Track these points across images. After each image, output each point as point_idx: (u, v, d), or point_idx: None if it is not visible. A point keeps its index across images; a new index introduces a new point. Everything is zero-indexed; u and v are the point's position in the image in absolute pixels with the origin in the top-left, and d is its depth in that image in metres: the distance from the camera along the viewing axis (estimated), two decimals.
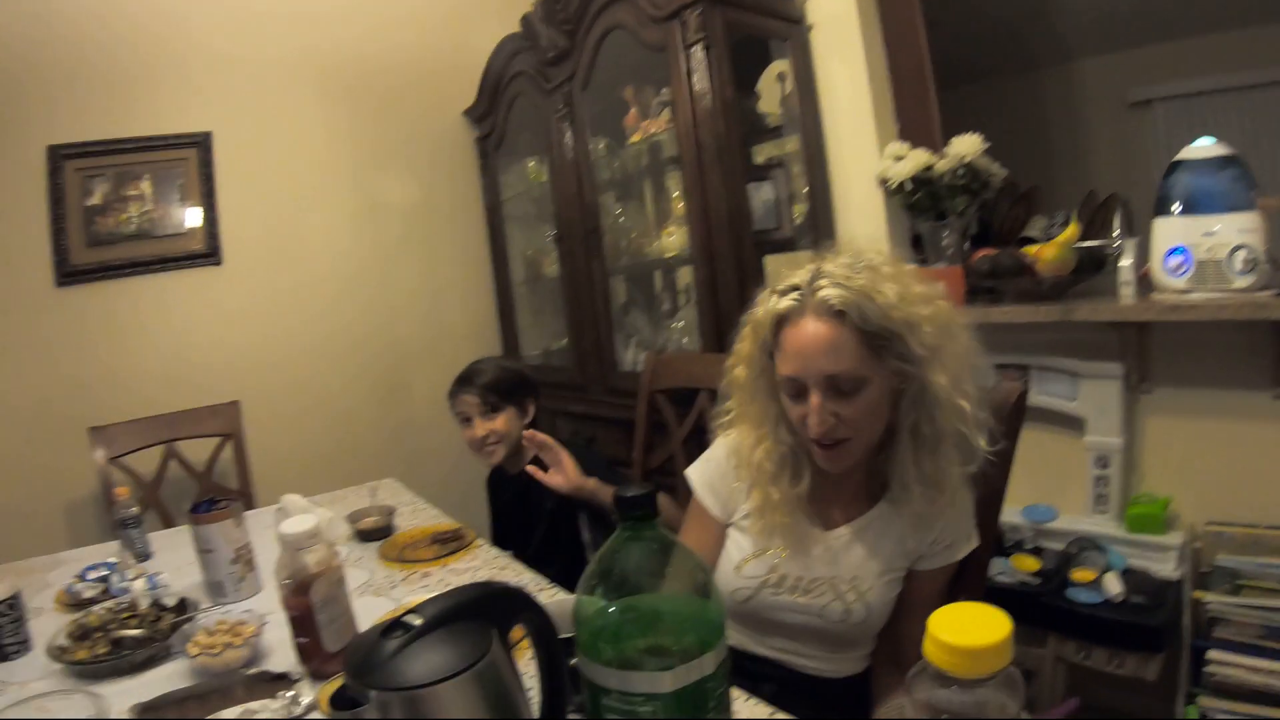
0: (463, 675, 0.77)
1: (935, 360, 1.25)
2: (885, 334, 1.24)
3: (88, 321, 3.33)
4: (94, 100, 3.30)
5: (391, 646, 0.78)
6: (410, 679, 0.76)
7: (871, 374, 1.26)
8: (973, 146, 2.45)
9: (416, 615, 0.80)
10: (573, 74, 3.17)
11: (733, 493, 1.52)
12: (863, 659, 1.50)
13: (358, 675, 0.76)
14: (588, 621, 0.84)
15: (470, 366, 2.33)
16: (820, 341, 1.25)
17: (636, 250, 3.32)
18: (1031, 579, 2.36)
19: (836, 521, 1.44)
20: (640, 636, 0.83)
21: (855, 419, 1.27)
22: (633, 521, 0.84)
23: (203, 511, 1.77)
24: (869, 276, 1.26)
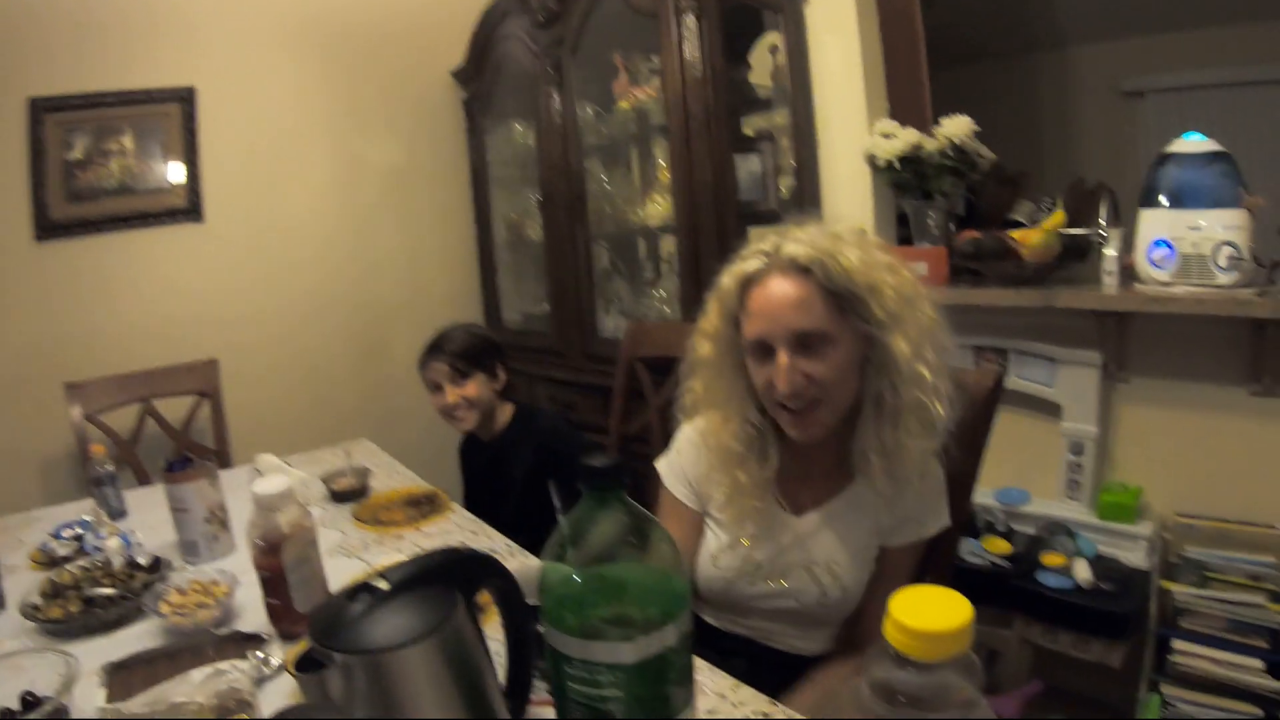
0: (426, 640, 0.77)
1: (897, 326, 1.25)
2: (849, 294, 1.25)
3: (66, 277, 3.31)
4: (76, 53, 3.26)
5: (357, 610, 0.78)
6: (374, 643, 0.76)
7: (838, 333, 1.26)
8: (962, 128, 2.44)
9: (382, 579, 0.80)
10: (563, 38, 3.16)
11: (703, 481, 1.51)
12: (838, 636, 1.50)
13: (322, 638, 0.76)
14: (552, 589, 0.84)
15: (439, 334, 2.33)
16: (787, 298, 1.25)
17: (621, 217, 3.31)
18: (1002, 561, 2.37)
19: (808, 505, 1.43)
20: (604, 605, 0.83)
21: (823, 379, 1.26)
22: (599, 491, 0.84)
23: (177, 470, 1.77)
24: (833, 241, 1.28)
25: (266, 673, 1.24)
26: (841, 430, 1.36)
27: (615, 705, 0.81)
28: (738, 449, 1.40)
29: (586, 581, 0.84)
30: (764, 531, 1.43)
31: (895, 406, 1.28)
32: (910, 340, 1.25)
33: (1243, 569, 2.05)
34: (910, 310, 1.27)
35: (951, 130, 2.45)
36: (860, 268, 1.25)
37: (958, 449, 1.37)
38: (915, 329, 1.27)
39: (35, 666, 1.20)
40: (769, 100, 2.87)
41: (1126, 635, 2.15)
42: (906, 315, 1.26)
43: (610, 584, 0.85)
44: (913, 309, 1.28)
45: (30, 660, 1.21)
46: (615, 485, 0.83)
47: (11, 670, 1.19)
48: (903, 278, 1.29)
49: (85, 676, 1.22)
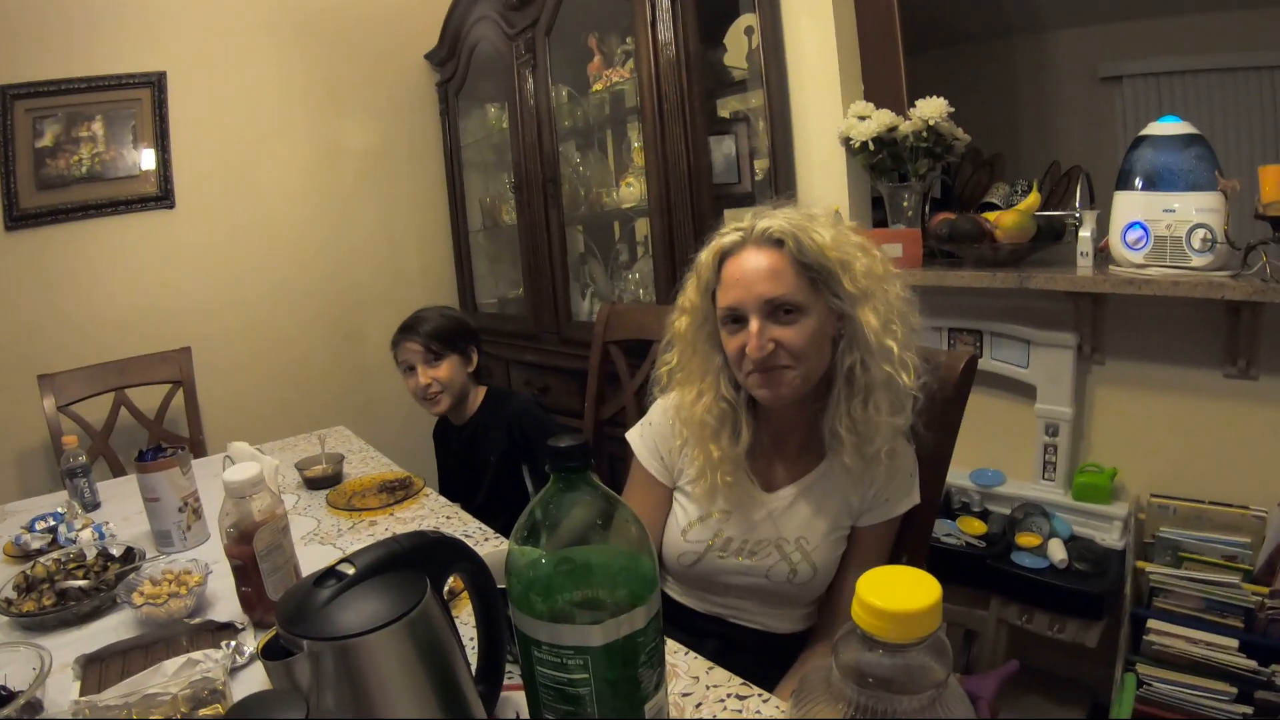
0: (395, 624, 0.76)
1: (866, 301, 1.29)
2: (821, 268, 1.28)
3: (37, 266, 3.28)
4: (44, 39, 3.22)
5: (324, 595, 0.77)
6: (342, 628, 0.75)
7: (809, 303, 1.29)
8: (937, 110, 2.44)
9: (349, 564, 0.79)
10: (536, 19, 3.14)
11: (675, 455, 1.52)
12: (808, 616, 1.51)
13: (290, 624, 0.76)
14: (519, 573, 0.83)
15: (412, 315, 2.33)
16: (760, 268, 1.29)
17: (595, 200, 3.30)
18: (977, 542, 2.38)
19: (780, 482, 1.45)
20: (573, 589, 0.83)
21: (793, 345, 1.28)
22: (565, 473, 0.83)
23: (149, 459, 1.75)
24: (807, 219, 1.31)
25: (240, 661, 1.24)
26: (813, 408, 1.38)
27: (584, 688, 0.81)
28: (711, 422, 1.41)
29: (554, 564, 0.84)
30: (735, 507, 1.44)
31: (866, 383, 1.30)
32: (879, 315, 1.29)
33: (1217, 549, 2.07)
34: (880, 287, 1.31)
35: (926, 112, 2.45)
36: (832, 244, 1.28)
37: (931, 429, 1.40)
38: (884, 305, 1.30)
39: (9, 661, 1.19)
40: (744, 82, 2.87)
41: (1102, 615, 2.16)
42: (876, 292, 1.30)
43: (578, 567, 0.85)
44: (882, 287, 1.31)
45: (3, 655, 1.20)
46: (581, 466, 0.83)
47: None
48: (874, 258, 1.33)
49: (59, 670, 1.22)
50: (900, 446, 1.38)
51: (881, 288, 1.31)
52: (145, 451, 1.79)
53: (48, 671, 1.15)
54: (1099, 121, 4.09)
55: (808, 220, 1.31)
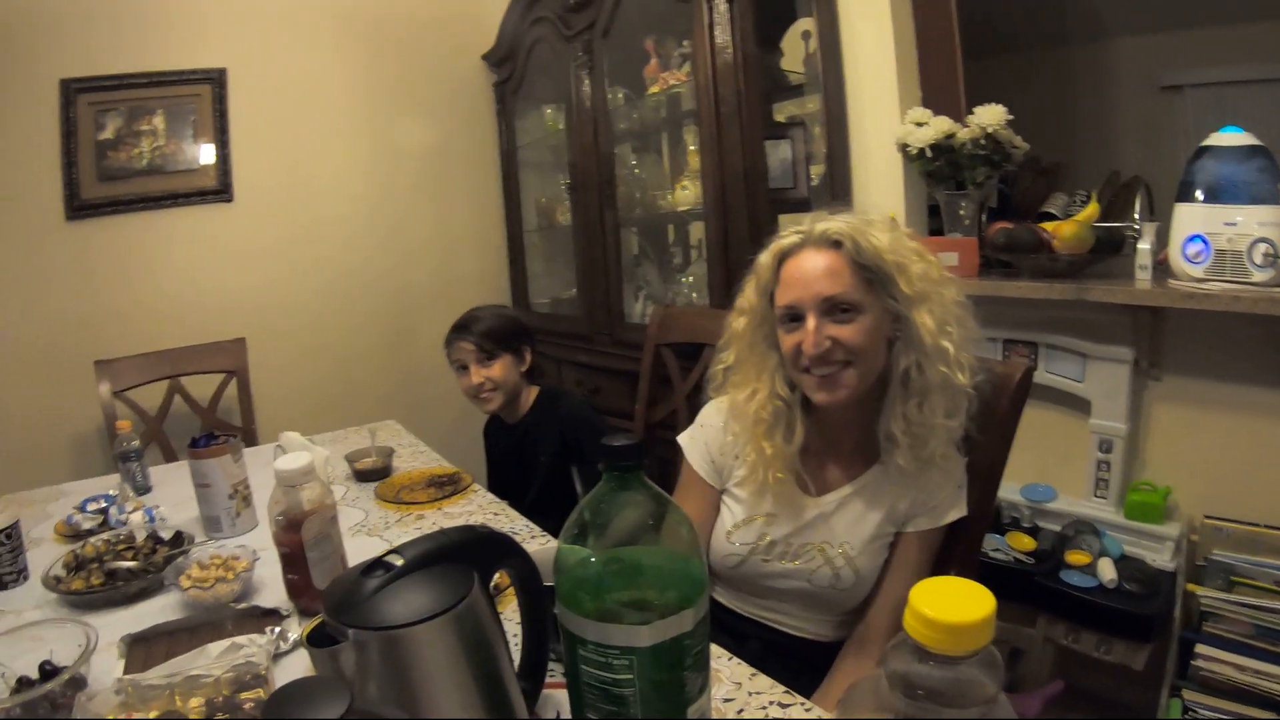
0: (442, 617, 0.76)
1: (922, 303, 1.30)
2: (877, 270, 1.30)
3: (96, 255, 3.34)
4: (108, 34, 3.28)
5: (371, 585, 0.77)
6: (388, 619, 0.75)
7: (866, 303, 1.30)
8: (996, 117, 2.41)
9: (398, 555, 0.79)
10: (594, 21, 3.13)
11: (725, 458, 1.53)
12: (848, 623, 1.49)
13: (336, 613, 0.76)
14: (569, 571, 0.83)
15: (466, 314, 2.32)
16: (818, 267, 1.31)
17: (650, 203, 3.29)
18: (1026, 558, 2.34)
19: (829, 486, 1.44)
20: (621, 589, 0.82)
21: (849, 344, 1.30)
22: (618, 472, 0.83)
23: (202, 446, 1.77)
24: (864, 223, 1.34)
25: (283, 647, 1.24)
26: (867, 411, 1.38)
27: (629, 689, 0.80)
28: (765, 419, 1.42)
29: (603, 564, 0.83)
30: (783, 509, 1.45)
31: (922, 384, 1.31)
32: (935, 317, 1.30)
33: (1271, 574, 2.01)
34: (936, 291, 1.32)
35: (985, 119, 2.41)
36: (889, 247, 1.31)
37: (985, 441, 1.40)
38: (940, 308, 1.31)
39: (55, 637, 1.20)
40: (801, 86, 2.85)
41: (1150, 638, 2.11)
42: (932, 295, 1.31)
43: (627, 567, 0.84)
44: (939, 291, 1.32)
45: (50, 630, 1.22)
46: (634, 466, 0.82)
47: (32, 640, 1.20)
48: (929, 263, 1.34)
49: (104, 648, 1.23)
50: (952, 454, 1.37)
51: (937, 291, 1.32)
52: (198, 438, 1.81)
53: (93, 648, 1.16)
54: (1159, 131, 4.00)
55: (865, 224, 1.33)
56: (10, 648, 1.19)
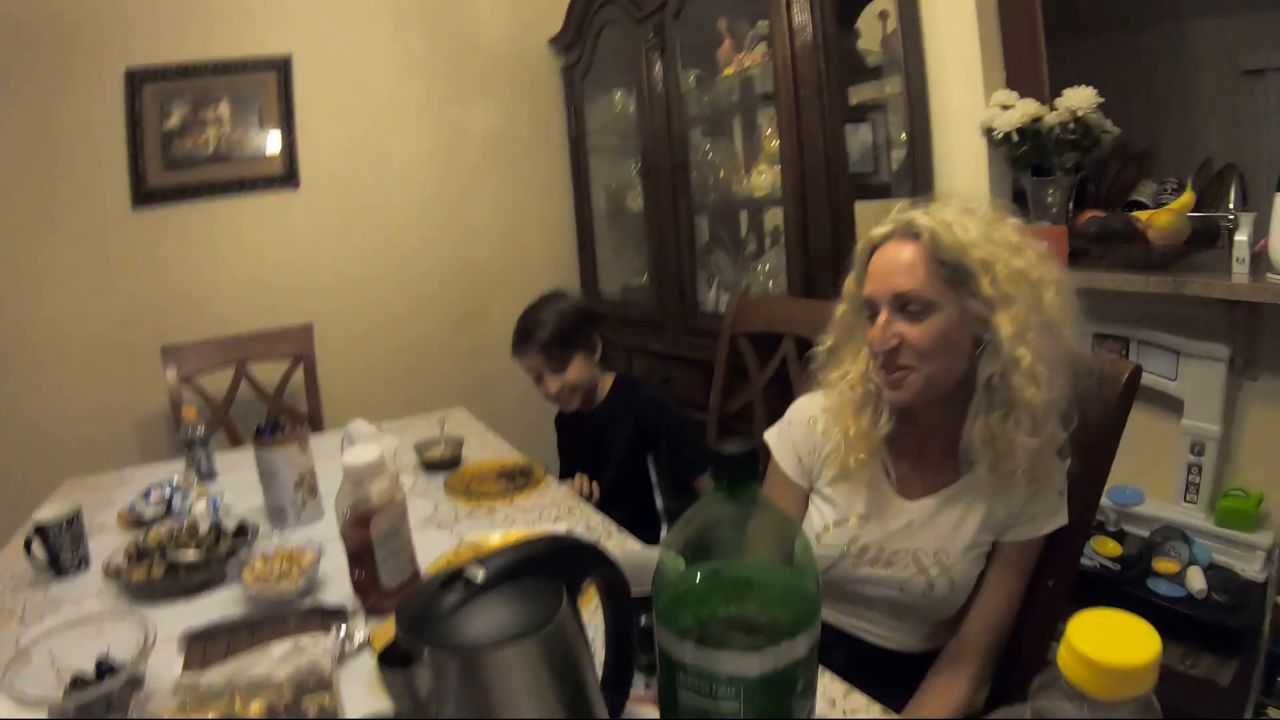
0: (527, 638, 0.69)
1: (1005, 306, 1.20)
2: (958, 266, 1.22)
3: (163, 243, 3.35)
4: (172, 23, 3.29)
5: (451, 601, 0.71)
6: (469, 638, 0.68)
7: (941, 302, 1.23)
8: (1086, 100, 2.31)
9: (479, 568, 0.72)
10: (665, 3, 3.05)
11: (814, 457, 1.47)
12: (936, 635, 1.44)
13: (412, 630, 0.69)
14: (670, 585, 0.76)
15: (526, 319, 2.21)
16: (896, 260, 1.26)
17: (724, 188, 3.21)
18: (1111, 564, 2.25)
19: (922, 491, 1.38)
20: (728, 607, 0.75)
21: (919, 345, 1.24)
22: (730, 481, 0.75)
23: (268, 435, 1.75)
24: (959, 215, 1.25)
25: (348, 650, 1.20)
26: (954, 415, 1.31)
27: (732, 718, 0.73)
28: (853, 399, 1.38)
29: (709, 579, 0.76)
30: (874, 512, 1.39)
31: (1006, 395, 1.22)
32: (1016, 322, 1.20)
33: None
34: (1028, 292, 1.21)
35: (1074, 102, 2.31)
36: (977, 241, 1.22)
37: (1088, 444, 1.32)
38: (1026, 312, 1.20)
39: (114, 629, 1.19)
40: (878, 68, 2.76)
41: (1238, 652, 2.02)
42: (1019, 297, 1.20)
43: (735, 582, 0.77)
44: (1033, 292, 1.22)
45: (109, 623, 1.20)
46: (748, 475, 0.74)
47: (90, 632, 1.18)
48: (1027, 260, 1.23)
49: (163, 642, 1.20)
50: (1046, 466, 1.29)
51: (1031, 293, 1.21)
52: (264, 428, 1.79)
53: (151, 646, 1.13)
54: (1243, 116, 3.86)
55: (961, 215, 1.25)
56: (67, 639, 1.17)
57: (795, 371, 2.13)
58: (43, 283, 3.21)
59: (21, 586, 1.61)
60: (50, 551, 1.62)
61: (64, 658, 1.14)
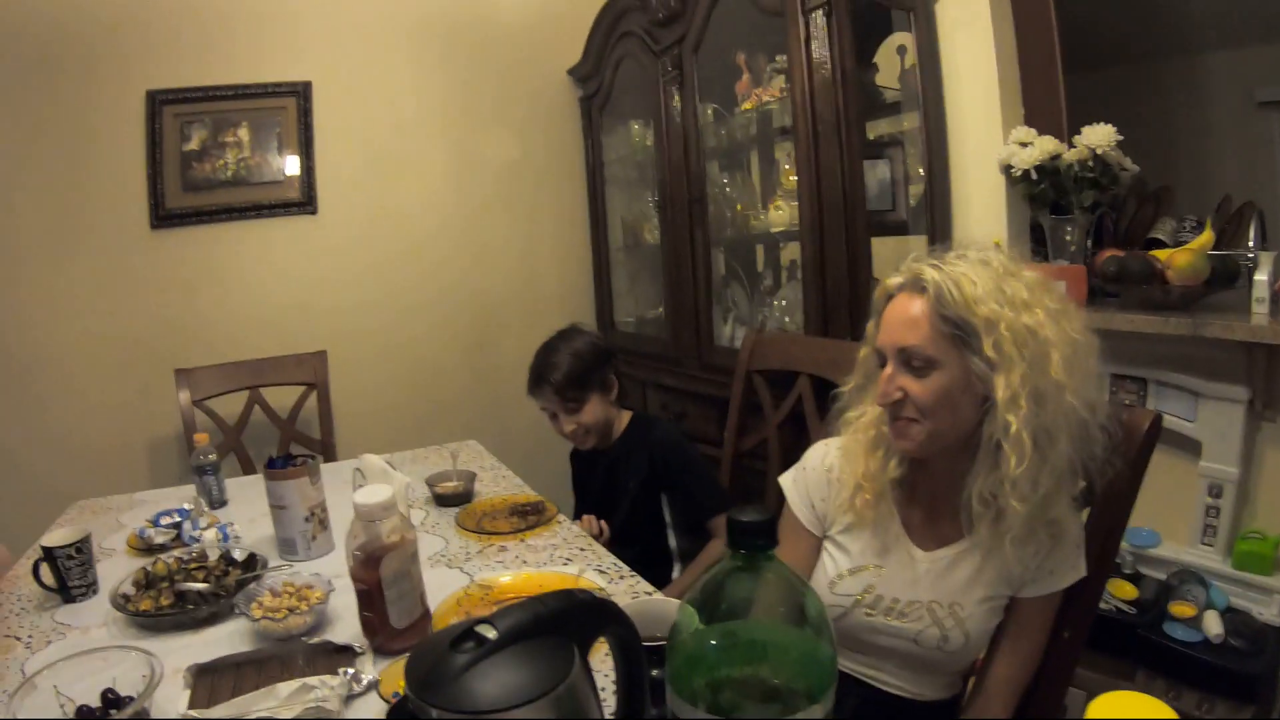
0: (539, 701, 0.67)
1: (1003, 371, 1.18)
2: (963, 324, 1.20)
3: (180, 264, 3.37)
4: (193, 47, 3.32)
5: (460, 661, 0.69)
6: (479, 700, 0.67)
7: (944, 359, 1.22)
8: (1105, 138, 2.30)
9: (490, 627, 0.71)
10: (683, 36, 3.06)
11: (827, 505, 1.46)
12: (952, 684, 1.44)
13: (420, 690, 0.68)
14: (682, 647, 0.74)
15: (541, 360, 2.20)
16: (903, 314, 1.25)
17: (741, 222, 3.21)
18: (1127, 607, 2.23)
19: (936, 543, 1.36)
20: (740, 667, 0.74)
21: (919, 399, 1.23)
22: (746, 551, 0.74)
23: (279, 467, 1.74)
24: (973, 267, 1.23)
25: (356, 690, 1.18)
26: (964, 469, 1.29)
27: None
28: (864, 439, 1.39)
29: (723, 642, 0.74)
30: (888, 562, 1.38)
31: (1004, 458, 1.20)
32: (1010, 387, 1.17)
33: None
34: (1029, 355, 1.18)
35: (1093, 140, 2.31)
36: (984, 298, 1.19)
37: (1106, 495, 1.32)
38: (1023, 377, 1.17)
39: (119, 662, 1.18)
40: (897, 103, 2.75)
41: (1255, 698, 1.99)
42: (1019, 361, 1.17)
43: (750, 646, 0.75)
44: (1036, 354, 1.18)
45: (114, 655, 1.19)
46: (766, 545, 0.73)
47: (95, 664, 1.17)
48: (1036, 319, 1.19)
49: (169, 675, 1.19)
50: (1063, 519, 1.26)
51: (1035, 354, 1.18)
52: (276, 459, 1.79)
53: (158, 682, 1.11)
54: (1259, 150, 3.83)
55: (975, 267, 1.23)
56: (72, 670, 1.16)
57: (810, 410, 2.12)
58: (59, 300, 3.22)
59: (29, 610, 1.60)
60: (59, 576, 1.61)
61: (69, 688, 1.13)
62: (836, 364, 2.07)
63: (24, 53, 3.10)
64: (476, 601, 1.46)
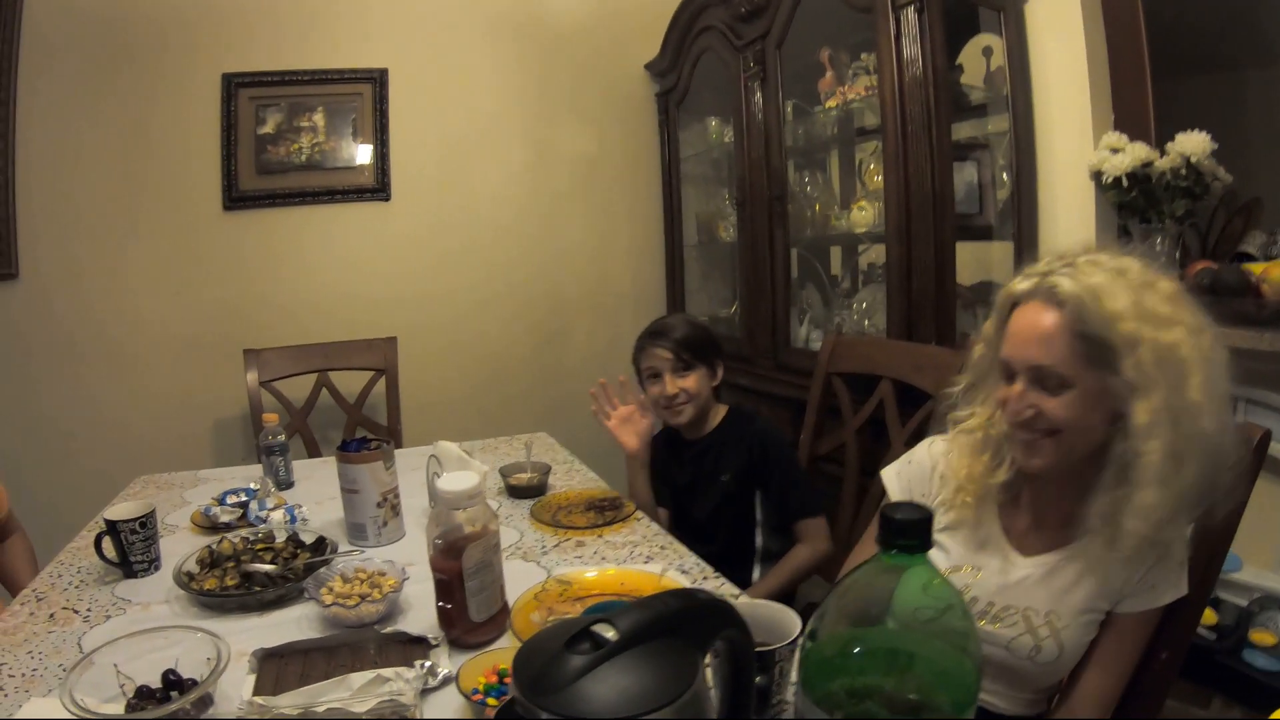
0: (663, 710, 0.63)
1: (1144, 392, 1.11)
2: (1101, 342, 1.14)
3: (252, 246, 3.40)
4: (271, 32, 3.35)
5: (578, 664, 0.65)
6: (598, 707, 0.62)
7: (1079, 378, 1.16)
8: (1199, 146, 2.22)
9: (609, 627, 0.67)
10: (767, 31, 3.00)
11: (926, 499, 1.41)
12: (1038, 701, 1.36)
13: (533, 694, 0.63)
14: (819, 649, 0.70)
15: (659, 321, 2.21)
16: (1035, 329, 1.19)
17: (820, 223, 3.15)
18: (1207, 633, 2.17)
19: (1039, 548, 1.31)
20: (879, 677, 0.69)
21: (1053, 417, 1.17)
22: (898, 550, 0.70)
23: (353, 450, 1.71)
24: (1110, 278, 1.15)
25: (432, 684, 1.14)
26: (1080, 485, 1.24)
27: None
28: (970, 441, 1.35)
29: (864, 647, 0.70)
30: (987, 564, 1.33)
31: (1133, 479, 1.14)
32: (1152, 412, 1.11)
33: None
34: (1170, 376, 1.12)
35: (1187, 147, 2.23)
36: (1124, 314, 1.12)
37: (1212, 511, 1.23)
38: (1164, 400, 1.11)
39: (180, 641, 1.15)
40: (982, 106, 2.68)
41: None
42: (1160, 382, 1.11)
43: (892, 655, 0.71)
44: (1176, 375, 1.12)
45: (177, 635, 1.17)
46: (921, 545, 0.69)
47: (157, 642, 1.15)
48: (1177, 336, 1.13)
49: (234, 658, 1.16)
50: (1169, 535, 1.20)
51: (1175, 375, 1.12)
52: (349, 442, 1.76)
53: (224, 667, 1.09)
54: None
55: (1109, 278, 1.15)
56: (133, 648, 1.14)
57: (892, 415, 2.07)
58: (131, 279, 3.27)
59: (88, 583, 1.59)
60: (121, 550, 1.59)
61: (128, 666, 1.11)
62: (921, 369, 2.04)
63: (101, 35, 3.14)
64: (555, 597, 1.42)
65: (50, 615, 1.45)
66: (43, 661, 1.28)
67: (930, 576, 0.71)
